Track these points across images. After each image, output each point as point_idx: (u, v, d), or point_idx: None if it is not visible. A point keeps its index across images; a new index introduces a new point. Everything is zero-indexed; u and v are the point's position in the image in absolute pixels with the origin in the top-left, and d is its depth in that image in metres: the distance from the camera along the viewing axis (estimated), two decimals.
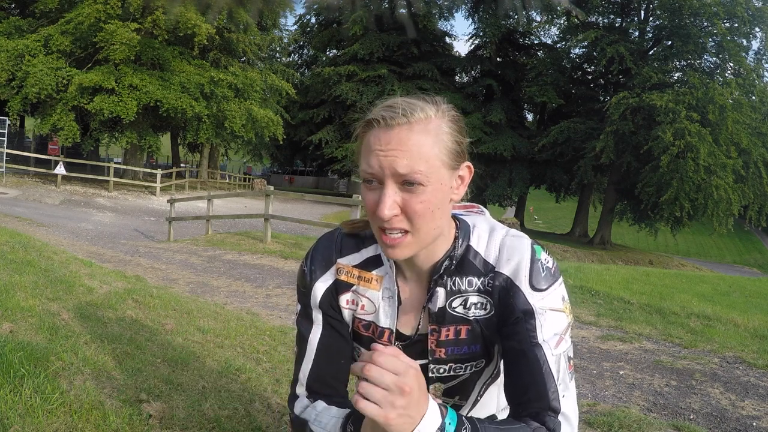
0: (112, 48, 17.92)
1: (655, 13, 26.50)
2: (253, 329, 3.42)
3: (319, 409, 0.99)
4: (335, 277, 1.04)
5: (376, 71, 29.53)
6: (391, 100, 0.90)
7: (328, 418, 0.96)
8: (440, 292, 0.98)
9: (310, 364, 1.03)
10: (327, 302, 1.04)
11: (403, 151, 0.85)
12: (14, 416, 1.59)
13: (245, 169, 47.79)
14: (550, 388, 0.90)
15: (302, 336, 1.05)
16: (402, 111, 0.86)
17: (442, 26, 33.32)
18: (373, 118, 0.88)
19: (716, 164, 22.66)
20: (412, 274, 1.01)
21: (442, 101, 0.92)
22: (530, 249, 0.96)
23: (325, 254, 1.05)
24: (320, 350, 1.03)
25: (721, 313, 5.18)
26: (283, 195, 10.83)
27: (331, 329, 1.04)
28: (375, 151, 0.86)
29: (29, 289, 3.15)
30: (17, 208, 12.18)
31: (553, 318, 0.93)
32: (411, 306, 1.02)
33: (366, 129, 0.90)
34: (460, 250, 0.98)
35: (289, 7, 29.52)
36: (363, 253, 1.04)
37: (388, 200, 0.86)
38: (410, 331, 1.03)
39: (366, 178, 0.89)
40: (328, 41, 34.90)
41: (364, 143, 0.90)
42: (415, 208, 0.87)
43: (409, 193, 0.86)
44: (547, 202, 42.93)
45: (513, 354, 0.94)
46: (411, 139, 0.86)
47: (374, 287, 1.02)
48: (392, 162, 0.85)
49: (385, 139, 0.86)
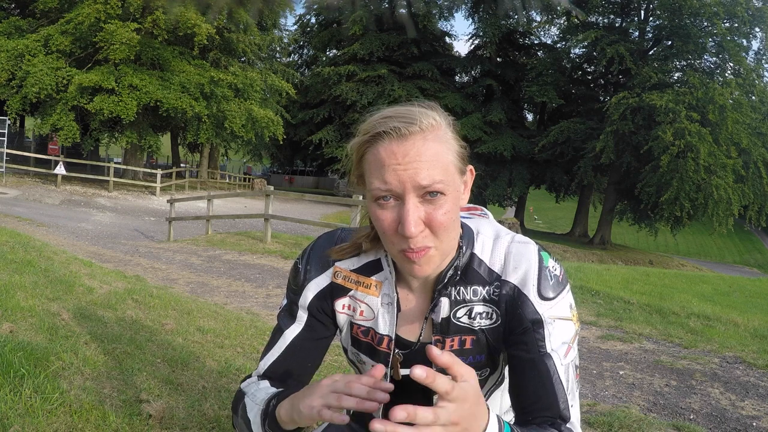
0: (112, 48, 17.92)
1: (655, 13, 26.51)
2: (253, 329, 3.42)
3: (261, 386, 0.99)
4: (331, 280, 1.02)
5: (376, 71, 29.54)
6: (388, 110, 0.86)
7: (262, 393, 0.96)
8: (444, 302, 0.95)
9: (275, 356, 1.02)
10: (316, 305, 1.02)
11: (423, 162, 0.81)
12: (14, 416, 1.59)
13: (245, 169, 47.78)
14: (561, 397, 0.89)
15: (279, 328, 1.04)
16: (410, 120, 0.82)
17: (442, 26, 33.37)
18: (382, 130, 0.82)
19: (716, 164, 22.67)
20: (417, 283, 0.99)
21: (436, 105, 0.89)
22: (537, 256, 0.94)
23: (324, 255, 1.03)
24: (291, 347, 1.02)
25: (721, 313, 5.18)
26: (283, 195, 10.84)
27: (311, 331, 1.02)
28: (391, 166, 0.81)
29: (29, 289, 3.15)
30: (17, 208, 12.18)
31: (561, 327, 0.92)
32: (413, 314, 1.00)
33: (371, 144, 0.84)
34: (464, 258, 0.95)
35: (289, 7, 29.50)
36: (362, 257, 1.01)
37: (413, 216, 0.81)
38: (413, 338, 1.00)
39: (379, 195, 0.83)
40: (328, 41, 34.90)
41: (371, 160, 0.84)
42: (440, 220, 0.83)
43: (431, 206, 0.83)
44: (547, 202, 42.93)
45: (521, 363, 0.92)
46: (428, 149, 0.82)
47: (373, 293, 0.99)
48: (413, 175, 0.81)
49: (401, 151, 0.81)
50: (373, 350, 1.02)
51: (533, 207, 45.78)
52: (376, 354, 1.02)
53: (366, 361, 1.05)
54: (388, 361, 1.00)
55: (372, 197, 0.85)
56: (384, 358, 1.01)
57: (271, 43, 28.78)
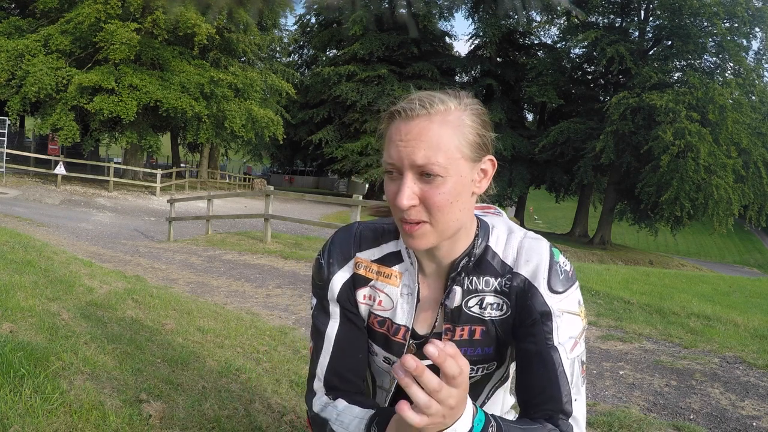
0: (112, 48, 17.91)
1: (655, 13, 26.51)
2: (253, 329, 3.42)
3: (340, 408, 0.97)
4: (353, 271, 1.03)
5: (376, 71, 29.54)
6: (415, 94, 0.91)
7: (350, 418, 0.95)
8: (457, 290, 0.97)
9: (327, 358, 1.02)
10: (345, 296, 1.03)
11: (421, 142, 0.85)
12: (14, 416, 1.59)
13: (245, 169, 47.78)
14: (564, 391, 0.90)
15: (318, 330, 1.04)
16: (421, 103, 0.87)
17: (442, 26, 33.37)
18: (395, 110, 0.89)
19: (716, 164, 22.68)
20: (432, 270, 1.00)
21: (466, 95, 0.92)
22: (549, 251, 0.96)
23: (344, 248, 1.04)
24: (337, 344, 1.02)
25: (721, 313, 5.18)
26: (283, 195, 10.83)
27: (349, 323, 1.03)
28: (395, 142, 0.87)
29: (29, 289, 3.14)
30: (17, 208, 12.18)
31: (569, 321, 0.94)
32: (428, 304, 1.01)
33: (389, 121, 0.90)
34: (479, 249, 0.98)
35: (289, 7, 29.50)
36: (383, 248, 1.03)
37: (407, 190, 0.86)
38: (426, 330, 1.01)
39: (387, 169, 0.90)
40: (328, 41, 34.88)
41: (387, 135, 0.91)
42: (435, 200, 0.87)
43: (428, 185, 0.86)
44: (547, 202, 42.91)
45: (528, 355, 0.93)
46: (430, 130, 0.86)
47: (393, 283, 1.01)
48: (410, 153, 0.85)
49: (405, 130, 0.87)
50: (388, 341, 1.03)
51: (533, 207, 45.77)
52: (390, 345, 1.03)
53: (378, 353, 1.05)
54: (402, 352, 1.01)
55: (384, 170, 0.92)
56: (398, 349, 1.02)
57: (271, 43, 28.76)
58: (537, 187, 33.13)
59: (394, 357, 1.03)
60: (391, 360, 1.04)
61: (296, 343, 3.27)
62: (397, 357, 1.02)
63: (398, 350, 1.02)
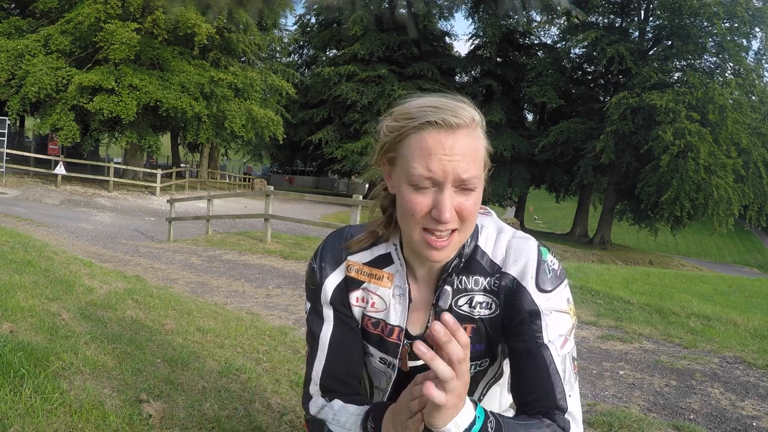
0: (112, 48, 17.92)
1: (655, 13, 26.51)
2: (253, 329, 3.42)
3: (336, 408, 0.99)
4: (345, 274, 1.04)
5: (376, 71, 29.53)
6: (433, 100, 0.89)
7: (346, 416, 0.96)
8: (448, 290, 0.99)
9: (323, 362, 1.03)
10: (338, 299, 1.04)
11: (465, 157, 0.86)
12: (14, 416, 1.59)
13: (245, 169, 47.80)
14: (557, 387, 0.91)
15: (313, 334, 1.05)
16: (457, 114, 0.86)
17: (442, 26, 33.36)
18: (434, 120, 0.86)
19: (716, 164, 22.68)
20: (423, 272, 1.02)
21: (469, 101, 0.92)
22: (537, 251, 0.98)
23: (335, 251, 1.06)
24: (332, 347, 1.03)
25: (721, 313, 5.17)
26: (283, 195, 10.83)
27: (343, 325, 1.04)
28: (438, 156, 0.85)
29: (29, 289, 3.14)
30: (17, 208, 12.18)
31: (558, 319, 0.94)
32: (420, 304, 1.03)
33: (417, 130, 0.87)
34: (469, 249, 0.99)
35: (289, 7, 29.50)
36: (374, 250, 1.05)
37: (449, 203, 0.86)
38: (419, 330, 1.03)
39: (419, 180, 0.86)
40: (328, 41, 34.89)
41: (415, 145, 0.87)
42: (470, 210, 0.88)
43: (463, 197, 0.88)
44: (547, 202, 42.92)
45: (519, 354, 0.94)
46: (472, 145, 0.87)
47: (385, 284, 1.02)
48: (456, 167, 0.85)
49: (449, 143, 0.85)
50: (382, 342, 1.04)
51: (533, 207, 45.79)
52: (385, 345, 1.04)
53: (374, 354, 1.06)
54: (397, 352, 1.03)
55: (408, 180, 0.88)
56: (393, 350, 1.03)
57: (271, 43, 28.76)
58: (537, 187, 33.14)
59: (390, 357, 1.04)
60: (387, 360, 1.05)
61: (296, 343, 3.27)
62: (393, 357, 1.04)
63: (393, 351, 1.03)
